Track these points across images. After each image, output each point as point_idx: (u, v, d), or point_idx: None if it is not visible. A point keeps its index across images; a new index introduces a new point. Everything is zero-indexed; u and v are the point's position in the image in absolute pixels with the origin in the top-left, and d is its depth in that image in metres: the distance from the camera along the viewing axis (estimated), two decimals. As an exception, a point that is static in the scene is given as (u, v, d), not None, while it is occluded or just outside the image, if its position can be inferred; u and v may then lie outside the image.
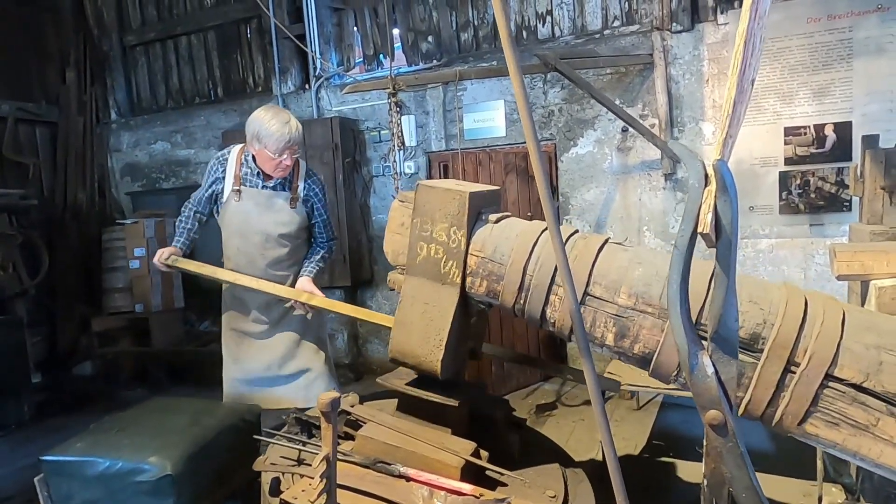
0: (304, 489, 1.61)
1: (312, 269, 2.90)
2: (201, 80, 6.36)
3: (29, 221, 5.46)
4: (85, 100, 6.39)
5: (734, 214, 1.04)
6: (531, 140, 1.09)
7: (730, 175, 1.04)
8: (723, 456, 1.11)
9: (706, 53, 4.23)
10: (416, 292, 1.78)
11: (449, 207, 1.74)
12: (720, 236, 1.06)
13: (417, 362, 1.79)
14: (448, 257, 1.74)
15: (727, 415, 1.09)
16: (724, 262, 1.08)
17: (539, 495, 1.73)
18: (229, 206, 2.79)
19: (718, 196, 1.04)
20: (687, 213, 1.09)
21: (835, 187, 3.96)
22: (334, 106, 5.51)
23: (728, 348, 1.12)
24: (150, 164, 6.49)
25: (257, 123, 2.63)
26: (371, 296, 5.58)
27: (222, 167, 2.81)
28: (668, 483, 3.14)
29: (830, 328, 1.33)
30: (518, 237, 1.70)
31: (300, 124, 2.74)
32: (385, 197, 5.36)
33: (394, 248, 1.91)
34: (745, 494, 1.10)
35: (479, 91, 4.95)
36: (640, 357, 1.53)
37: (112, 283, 5.72)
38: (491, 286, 1.71)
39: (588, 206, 4.68)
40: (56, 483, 2.39)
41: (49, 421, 4.55)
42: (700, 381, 1.11)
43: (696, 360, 1.11)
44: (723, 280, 1.09)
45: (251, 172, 2.77)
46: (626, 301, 1.53)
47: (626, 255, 1.61)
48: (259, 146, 2.63)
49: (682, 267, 1.09)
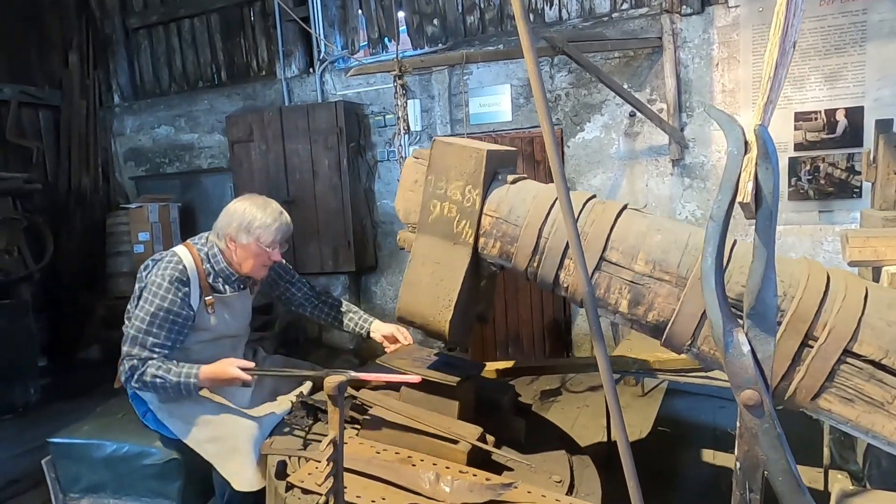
0: (311, 472, 1.61)
1: (363, 313, 2.57)
2: (205, 64, 6.32)
3: (33, 206, 5.45)
4: (88, 83, 6.36)
5: (776, 183, 0.99)
6: (542, 109, 1.06)
7: (771, 141, 1.00)
8: (758, 438, 1.06)
9: (716, 37, 4.16)
10: (426, 251, 1.73)
11: (465, 165, 1.67)
12: (760, 206, 1.02)
13: (425, 322, 1.74)
14: (461, 216, 1.68)
15: (764, 395, 1.05)
16: (764, 233, 1.03)
17: (545, 480, 1.72)
18: (198, 320, 2.21)
19: (759, 163, 1.00)
20: (724, 183, 1.04)
21: (845, 173, 3.91)
22: (339, 90, 5.46)
23: (765, 325, 1.08)
24: (153, 148, 6.46)
25: (245, 214, 2.17)
26: (375, 281, 5.57)
27: (184, 292, 2.13)
28: (674, 469, 3.14)
29: (852, 303, 1.30)
30: (535, 199, 1.65)
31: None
32: (389, 182, 5.33)
33: (406, 206, 1.83)
34: (781, 478, 1.06)
35: (486, 75, 4.89)
36: (654, 325, 1.50)
37: (116, 267, 5.73)
38: (504, 248, 1.66)
39: (594, 192, 4.60)
40: (63, 465, 2.40)
41: (56, 404, 4.58)
42: (735, 359, 1.07)
43: (731, 337, 1.07)
44: (762, 252, 1.04)
45: (218, 276, 2.25)
46: (642, 268, 1.49)
47: (645, 222, 1.57)
48: (248, 239, 2.16)
49: (719, 239, 1.04)
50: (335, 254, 5.27)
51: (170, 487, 2.28)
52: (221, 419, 2.14)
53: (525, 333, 5.00)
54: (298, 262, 5.27)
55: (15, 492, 3.22)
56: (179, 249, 2.24)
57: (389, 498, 1.51)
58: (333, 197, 5.21)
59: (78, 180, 6.19)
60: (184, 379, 2.08)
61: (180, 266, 2.16)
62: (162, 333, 2.11)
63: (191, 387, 2.09)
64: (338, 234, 5.23)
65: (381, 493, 1.53)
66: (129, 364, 2.10)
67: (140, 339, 2.10)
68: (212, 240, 2.26)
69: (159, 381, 2.08)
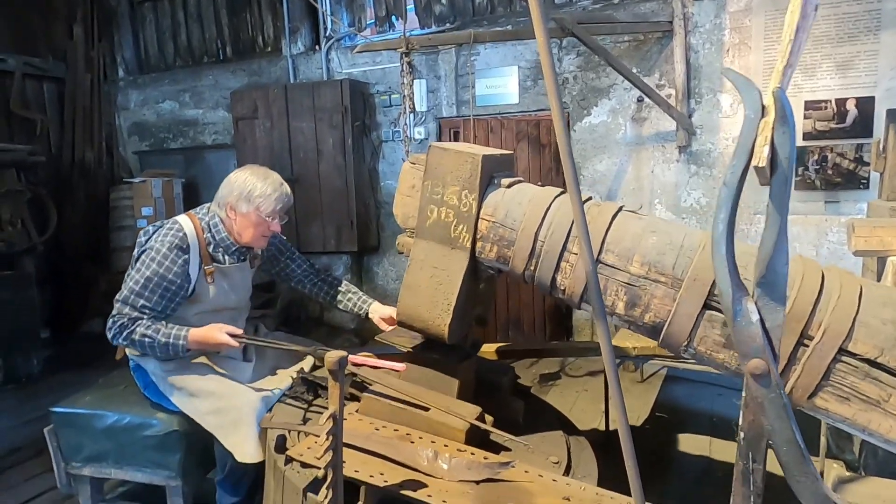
0: (311, 447, 1.62)
1: (362, 294, 2.56)
2: (210, 39, 6.26)
3: (37, 178, 5.44)
4: (92, 56, 6.31)
5: (792, 148, 0.98)
6: (552, 90, 1.05)
7: (790, 105, 0.98)
8: (764, 407, 1.06)
9: (728, 22, 4.10)
10: (425, 256, 1.76)
11: (461, 170, 1.70)
12: (775, 171, 1.00)
13: (424, 326, 1.78)
14: (459, 221, 1.71)
15: (771, 364, 1.05)
16: (778, 199, 1.01)
17: (542, 461, 1.73)
18: (198, 290, 2.23)
19: (777, 127, 0.98)
20: (739, 148, 1.02)
21: (853, 164, 3.88)
22: (345, 68, 5.42)
23: (775, 294, 1.06)
24: (157, 123, 6.43)
25: (246, 183, 2.19)
26: (377, 262, 5.57)
27: (183, 259, 2.15)
28: (670, 455, 3.16)
29: (847, 302, 1.30)
30: (530, 202, 1.67)
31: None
32: (394, 162, 5.31)
33: (404, 211, 1.87)
34: (786, 448, 1.05)
35: (493, 56, 4.84)
36: (651, 327, 1.51)
37: (119, 242, 5.74)
38: (501, 252, 1.69)
39: (600, 177, 4.62)
40: (65, 434, 2.42)
41: (58, 375, 4.63)
42: (743, 328, 1.06)
43: (739, 305, 1.06)
44: (775, 219, 1.03)
45: (219, 246, 2.26)
46: (638, 269, 1.51)
47: (641, 224, 1.58)
48: (248, 208, 2.18)
49: (731, 206, 1.02)
50: (338, 233, 5.27)
51: (170, 459, 2.31)
52: (224, 392, 2.15)
53: (526, 317, 5.01)
54: (301, 241, 5.27)
55: (17, 460, 3.26)
56: (181, 218, 2.26)
57: (387, 473, 1.52)
58: (337, 176, 5.19)
59: (82, 153, 6.17)
60: (172, 340, 2.11)
61: (181, 233, 2.18)
62: (154, 298, 2.13)
63: (178, 348, 2.12)
64: (341, 213, 5.23)
65: (379, 468, 1.54)
66: (119, 322, 2.13)
67: (131, 300, 2.13)
68: (213, 209, 2.28)
69: (147, 340, 2.11)
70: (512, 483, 1.54)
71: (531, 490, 1.52)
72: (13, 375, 4.51)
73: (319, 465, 1.37)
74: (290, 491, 1.60)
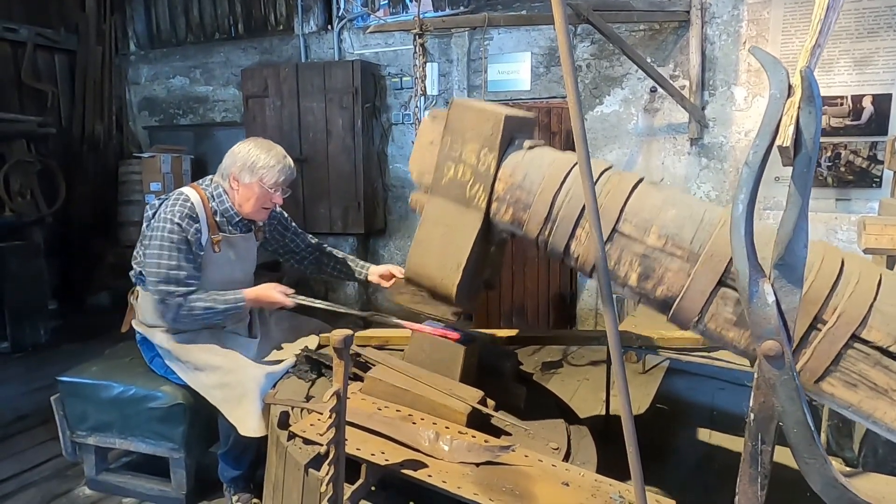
0: (313, 423, 1.63)
1: (360, 261, 2.63)
2: (222, 15, 6.22)
3: (47, 149, 5.46)
4: (104, 29, 6.29)
5: (818, 128, 0.97)
6: (569, 71, 1.04)
7: (817, 85, 0.97)
8: (776, 389, 1.05)
9: (746, 14, 4.05)
10: (438, 214, 1.72)
11: (482, 128, 1.64)
12: (799, 151, 0.99)
13: (433, 284, 1.74)
14: (475, 180, 1.66)
15: (785, 346, 1.05)
16: (801, 180, 1.00)
17: (542, 447, 1.74)
18: (206, 259, 2.26)
19: (803, 107, 0.97)
20: (763, 128, 1.01)
21: (866, 162, 3.84)
22: (356, 49, 5.38)
23: (793, 277, 1.06)
24: (168, 98, 6.42)
25: (250, 155, 2.22)
26: (384, 245, 5.58)
27: (195, 227, 2.19)
28: (669, 446, 3.17)
29: (864, 289, 1.29)
30: (550, 166, 1.62)
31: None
32: (403, 146, 5.29)
33: (420, 167, 1.80)
34: (796, 430, 1.06)
35: (506, 41, 4.80)
36: (662, 300, 1.49)
37: (128, 216, 5.76)
38: (517, 214, 1.65)
39: (609, 167, 4.58)
40: (71, 403, 2.46)
41: (64, 346, 4.67)
42: (759, 309, 1.06)
43: (756, 287, 1.06)
44: (797, 201, 1.02)
45: (224, 215, 2.29)
46: (655, 241, 1.48)
47: (661, 196, 1.55)
48: (251, 178, 2.21)
49: (752, 186, 1.01)
50: (345, 215, 5.27)
51: (174, 431, 2.34)
52: (229, 367, 2.17)
53: (530, 305, 5.01)
54: (308, 221, 5.27)
55: (23, 427, 3.31)
56: (186, 189, 2.28)
57: (389, 452, 1.53)
58: (346, 157, 5.18)
59: (92, 127, 6.18)
60: (232, 305, 2.19)
61: (189, 203, 2.21)
62: (189, 266, 2.18)
63: (239, 310, 2.24)
64: (348, 195, 5.22)
65: (380, 447, 1.55)
66: (173, 301, 2.14)
67: (173, 276, 2.15)
68: (216, 180, 2.31)
69: (210, 311, 2.17)
70: (511, 467, 1.56)
71: (530, 474, 1.53)
72: (21, 344, 4.57)
73: (322, 441, 1.38)
74: (291, 466, 1.62)
